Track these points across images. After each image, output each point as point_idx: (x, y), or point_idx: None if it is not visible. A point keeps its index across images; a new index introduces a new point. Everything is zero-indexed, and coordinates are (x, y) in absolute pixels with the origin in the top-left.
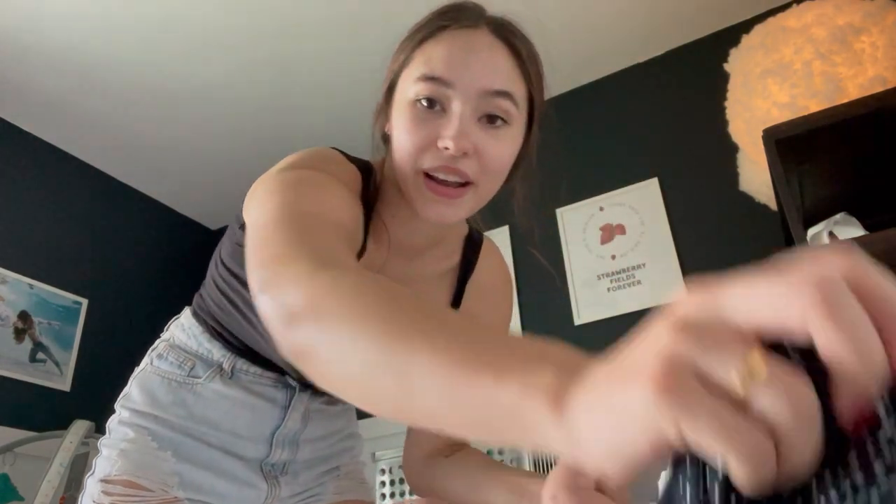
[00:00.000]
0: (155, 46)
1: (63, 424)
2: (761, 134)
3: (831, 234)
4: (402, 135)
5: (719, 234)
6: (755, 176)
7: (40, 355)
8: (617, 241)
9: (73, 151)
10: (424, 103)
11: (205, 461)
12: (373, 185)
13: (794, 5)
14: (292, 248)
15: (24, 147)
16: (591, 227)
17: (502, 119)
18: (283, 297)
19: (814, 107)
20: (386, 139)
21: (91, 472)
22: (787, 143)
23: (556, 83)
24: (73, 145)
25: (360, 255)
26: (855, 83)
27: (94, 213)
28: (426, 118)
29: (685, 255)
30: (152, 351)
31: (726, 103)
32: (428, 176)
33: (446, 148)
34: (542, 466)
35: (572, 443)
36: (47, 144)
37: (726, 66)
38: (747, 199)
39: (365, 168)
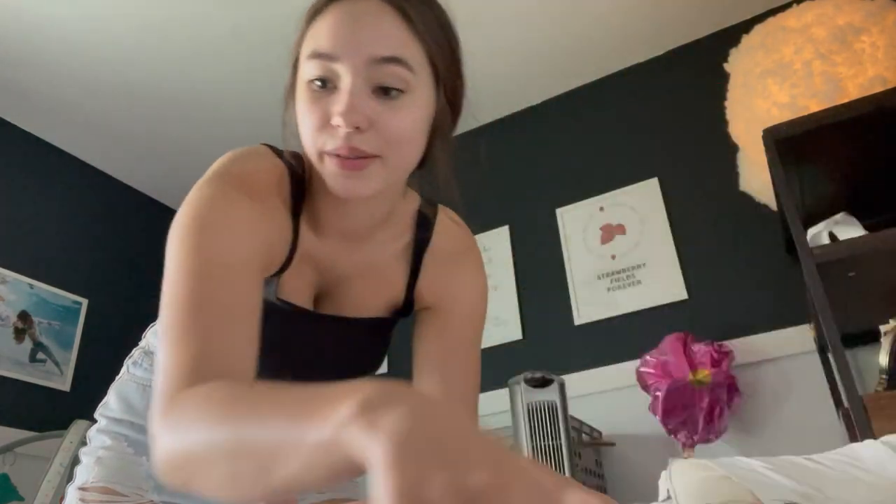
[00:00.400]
0: (155, 47)
1: (63, 424)
2: (761, 134)
3: (831, 235)
4: (301, 118)
5: (719, 234)
6: (755, 176)
7: (40, 355)
8: (617, 241)
9: (74, 151)
10: (318, 83)
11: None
12: (307, 177)
13: (795, 5)
14: (180, 377)
15: (24, 147)
16: (591, 227)
17: (397, 89)
18: (161, 445)
19: (814, 107)
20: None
21: (71, 480)
22: (787, 143)
23: (556, 83)
24: (73, 145)
25: (289, 261)
26: (855, 83)
27: (94, 213)
28: (320, 98)
29: (685, 256)
30: (129, 359)
31: (726, 103)
32: (329, 155)
33: (338, 125)
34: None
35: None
36: (47, 144)
37: (726, 66)
38: (747, 199)
39: (293, 163)
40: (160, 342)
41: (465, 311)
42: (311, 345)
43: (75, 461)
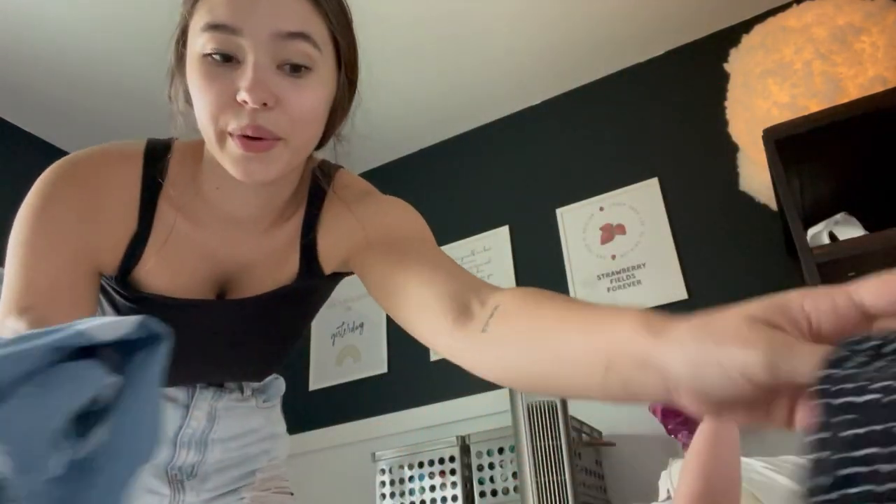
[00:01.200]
0: (155, 47)
1: None
2: (761, 134)
3: (831, 235)
4: (198, 94)
5: (719, 234)
6: (755, 176)
7: None
8: (617, 241)
9: (73, 151)
10: (217, 57)
11: None
12: (171, 164)
13: (795, 5)
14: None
15: (24, 147)
16: (591, 227)
17: (305, 66)
18: None
19: (814, 107)
20: (190, 101)
21: None
22: (787, 143)
23: (557, 83)
24: (73, 145)
25: (134, 259)
26: (855, 83)
27: None
28: (220, 73)
29: (685, 255)
30: None
31: (726, 103)
32: (231, 136)
33: (245, 102)
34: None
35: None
36: (47, 144)
37: (726, 66)
38: (747, 199)
39: (154, 156)
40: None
41: (405, 226)
42: (203, 332)
43: None
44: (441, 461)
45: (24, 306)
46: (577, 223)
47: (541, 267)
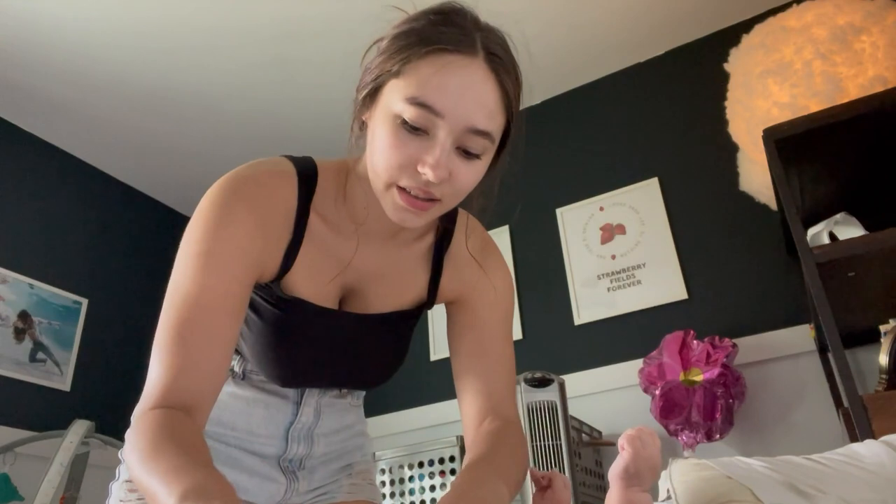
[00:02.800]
0: (156, 47)
1: (63, 424)
2: (761, 134)
3: (831, 234)
4: (384, 149)
5: (719, 234)
6: (755, 176)
7: (40, 355)
8: (617, 241)
9: (74, 151)
10: (411, 127)
11: (224, 458)
12: (321, 178)
13: (795, 5)
14: (153, 397)
15: (24, 147)
16: (591, 227)
17: (477, 155)
18: (125, 448)
19: (814, 107)
20: (363, 126)
21: (116, 478)
22: (787, 143)
23: (557, 83)
24: (73, 145)
25: (291, 258)
26: (855, 83)
27: (94, 213)
28: (409, 140)
29: (685, 255)
30: None
31: (726, 103)
32: (399, 188)
33: (425, 175)
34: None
35: None
36: (47, 144)
37: (726, 66)
38: (747, 199)
39: (306, 173)
40: (153, 353)
41: (495, 302)
42: (326, 340)
43: (75, 461)
44: (441, 461)
45: (201, 315)
46: (577, 223)
47: (541, 267)
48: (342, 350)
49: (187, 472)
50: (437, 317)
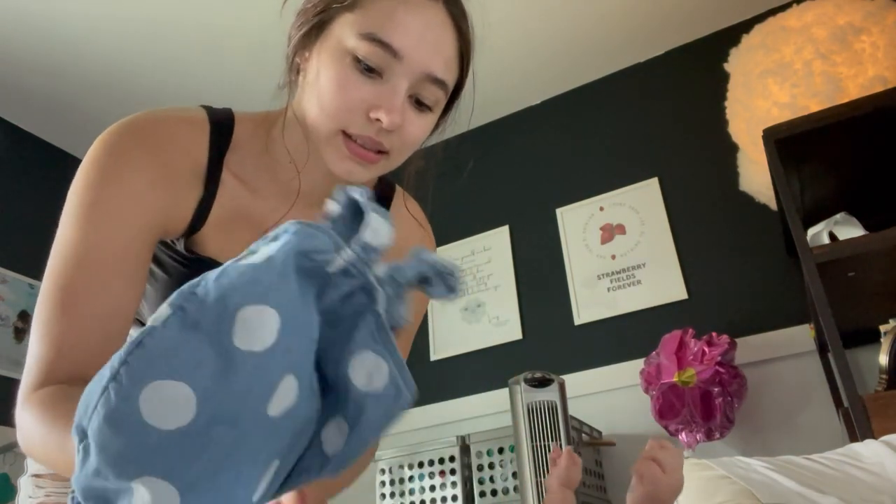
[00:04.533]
0: (156, 47)
1: None
2: (761, 134)
3: (831, 234)
4: (332, 90)
5: (719, 234)
6: (755, 176)
7: None
8: (617, 241)
9: (73, 151)
10: (364, 65)
11: None
12: (238, 130)
13: (795, 5)
14: (36, 376)
15: (24, 147)
16: (591, 227)
17: (430, 106)
18: (18, 429)
19: (814, 107)
20: (296, 70)
21: (24, 472)
22: (787, 143)
23: (557, 83)
24: (73, 145)
25: (203, 215)
26: (855, 83)
27: None
28: (361, 81)
29: (685, 255)
30: None
31: (726, 103)
32: (345, 135)
33: (378, 120)
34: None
35: None
36: (47, 144)
37: (726, 66)
38: (747, 199)
39: (221, 123)
40: (33, 324)
41: (416, 301)
42: None
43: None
44: (441, 461)
45: (87, 280)
46: (577, 223)
47: (541, 267)
48: None
49: None
50: (437, 316)
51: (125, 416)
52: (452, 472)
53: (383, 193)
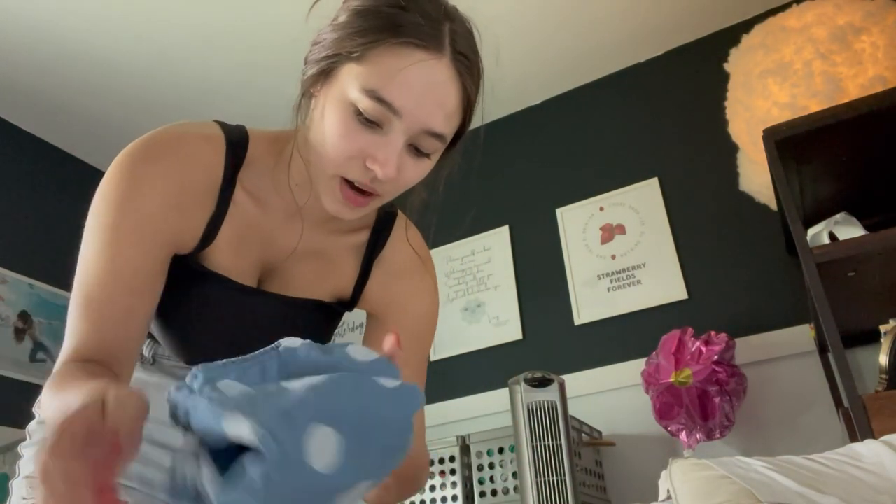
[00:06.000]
0: (156, 47)
1: None
2: (761, 134)
3: (831, 234)
4: (334, 137)
5: (719, 234)
6: (755, 176)
7: (40, 355)
8: (617, 240)
9: (73, 151)
10: (365, 118)
11: None
12: (252, 149)
13: (795, 5)
14: (68, 356)
15: (24, 147)
16: (591, 227)
17: (427, 154)
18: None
19: (814, 107)
20: (309, 97)
21: (17, 475)
22: (787, 143)
23: (557, 82)
24: (73, 145)
25: (213, 231)
26: (855, 83)
27: None
28: (362, 132)
29: (685, 255)
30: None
31: (726, 103)
32: (343, 179)
33: (375, 172)
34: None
35: None
36: (47, 144)
37: (726, 66)
38: (747, 199)
39: (236, 141)
40: (70, 311)
41: (413, 326)
42: (247, 320)
43: None
44: (441, 461)
45: (106, 297)
46: (577, 223)
47: (541, 267)
48: (254, 331)
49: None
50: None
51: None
52: (452, 472)
53: (384, 222)
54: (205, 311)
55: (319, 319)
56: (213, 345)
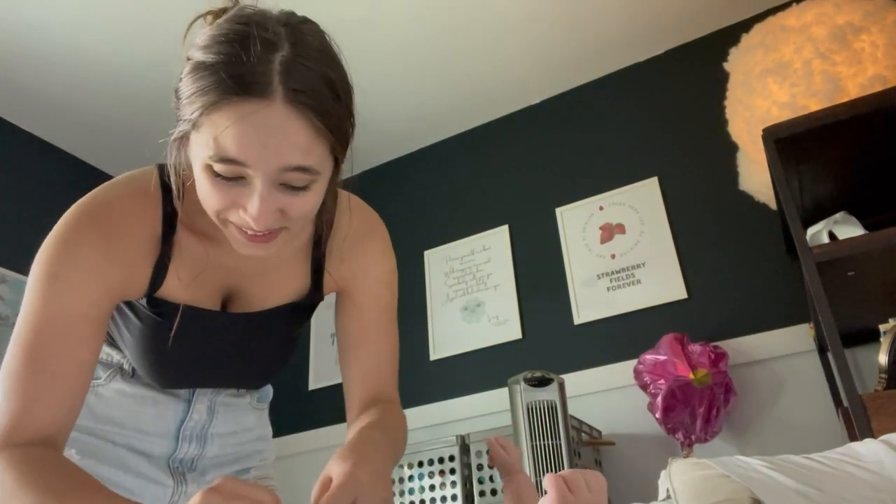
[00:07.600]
0: (156, 47)
1: None
2: (761, 133)
3: (831, 234)
4: (204, 194)
5: (719, 234)
6: (755, 175)
7: None
8: (617, 240)
9: (74, 151)
10: (223, 178)
11: (110, 458)
12: (184, 196)
13: (794, 4)
14: (3, 432)
15: (24, 147)
16: (591, 227)
17: (303, 188)
18: None
19: (814, 106)
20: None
21: None
22: (786, 143)
23: (557, 82)
24: (73, 145)
25: (158, 281)
26: (855, 82)
27: None
28: (227, 187)
29: (685, 255)
30: None
31: (726, 102)
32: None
33: (247, 221)
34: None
35: None
36: (48, 144)
37: (726, 66)
38: (747, 199)
39: (167, 185)
40: (1, 379)
41: (374, 291)
42: (214, 341)
43: None
44: (441, 461)
45: (50, 334)
46: (576, 223)
47: (540, 267)
48: (227, 350)
49: None
50: (436, 317)
51: None
52: (452, 471)
53: (319, 236)
54: (167, 339)
55: (289, 320)
56: (182, 368)
